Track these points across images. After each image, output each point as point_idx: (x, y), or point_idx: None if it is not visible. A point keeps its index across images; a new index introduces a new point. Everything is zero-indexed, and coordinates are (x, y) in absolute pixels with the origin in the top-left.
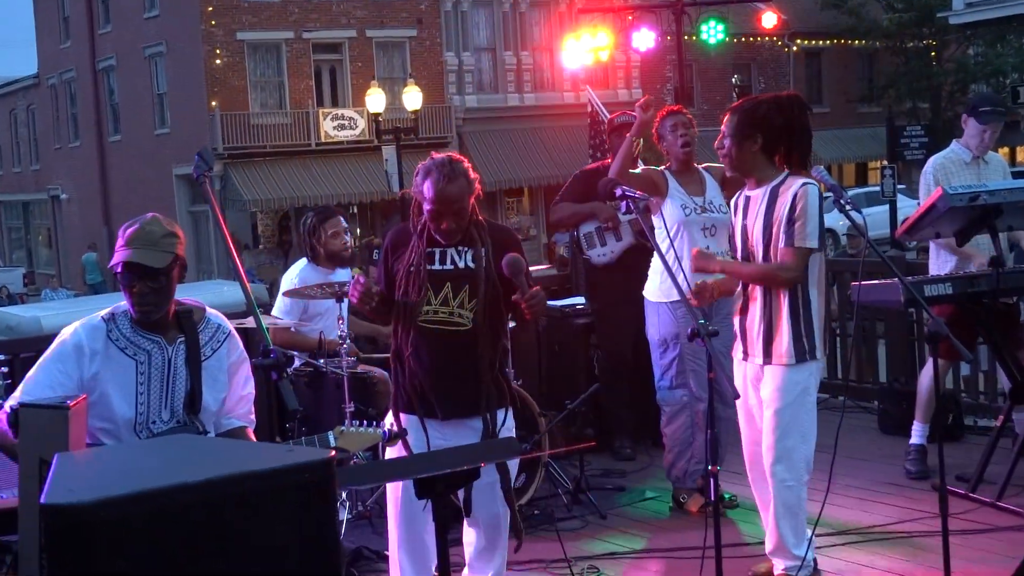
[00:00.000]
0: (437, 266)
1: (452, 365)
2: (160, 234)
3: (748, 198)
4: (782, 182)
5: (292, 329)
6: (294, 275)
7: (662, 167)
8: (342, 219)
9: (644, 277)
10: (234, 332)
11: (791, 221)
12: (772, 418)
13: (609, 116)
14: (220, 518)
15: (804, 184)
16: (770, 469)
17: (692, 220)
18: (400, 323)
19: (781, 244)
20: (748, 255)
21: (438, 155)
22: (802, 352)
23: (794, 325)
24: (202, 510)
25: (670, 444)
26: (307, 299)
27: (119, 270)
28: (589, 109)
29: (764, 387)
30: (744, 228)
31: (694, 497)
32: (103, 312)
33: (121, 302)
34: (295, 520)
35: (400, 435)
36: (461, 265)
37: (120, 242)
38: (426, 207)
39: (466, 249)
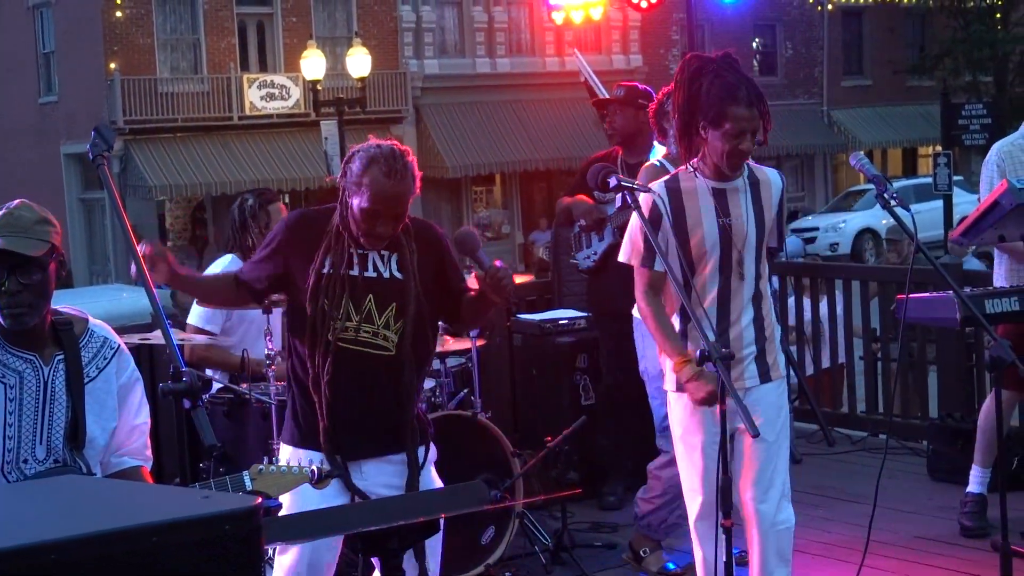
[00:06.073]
0: (357, 271)
1: (373, 397)
2: (32, 220)
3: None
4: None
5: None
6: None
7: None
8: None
9: None
10: (123, 347)
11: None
12: (768, 448)
13: (603, 89)
14: None
15: None
16: (762, 508)
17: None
18: (310, 340)
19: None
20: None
21: (380, 141)
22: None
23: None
24: (94, 571)
25: (661, 489)
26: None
27: None
28: (582, 79)
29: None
30: (725, 226)
31: (656, 554)
32: None
33: None
34: None
35: (333, 474)
36: (386, 274)
37: None
38: (359, 203)
39: (390, 254)
